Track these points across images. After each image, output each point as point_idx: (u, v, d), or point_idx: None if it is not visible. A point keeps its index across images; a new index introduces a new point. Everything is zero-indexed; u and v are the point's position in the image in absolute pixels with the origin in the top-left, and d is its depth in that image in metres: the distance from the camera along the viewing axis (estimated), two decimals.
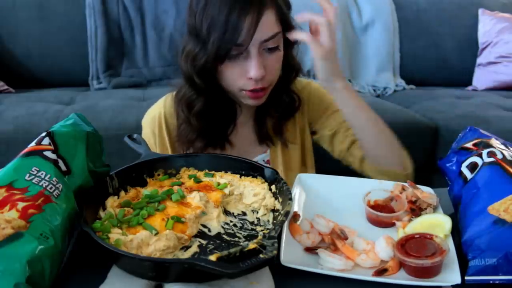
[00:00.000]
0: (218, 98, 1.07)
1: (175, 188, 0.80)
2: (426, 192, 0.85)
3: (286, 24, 1.02)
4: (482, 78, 2.71)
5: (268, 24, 0.96)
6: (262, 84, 0.99)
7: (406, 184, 0.88)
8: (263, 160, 1.17)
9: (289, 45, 1.06)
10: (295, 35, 0.98)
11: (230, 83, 1.01)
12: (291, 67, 1.10)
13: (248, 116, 1.15)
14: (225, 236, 0.73)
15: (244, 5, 0.92)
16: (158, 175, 0.87)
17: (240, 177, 0.87)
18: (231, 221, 0.77)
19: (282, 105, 1.12)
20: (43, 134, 0.74)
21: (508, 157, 0.78)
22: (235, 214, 0.79)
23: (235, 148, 1.14)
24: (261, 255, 0.59)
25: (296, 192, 0.86)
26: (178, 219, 0.72)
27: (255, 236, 0.72)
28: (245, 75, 0.98)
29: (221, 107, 1.09)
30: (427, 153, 2.12)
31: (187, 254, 0.68)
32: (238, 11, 0.92)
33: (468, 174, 0.80)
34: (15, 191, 0.64)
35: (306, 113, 1.19)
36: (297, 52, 1.10)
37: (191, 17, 0.99)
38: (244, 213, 0.80)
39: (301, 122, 1.19)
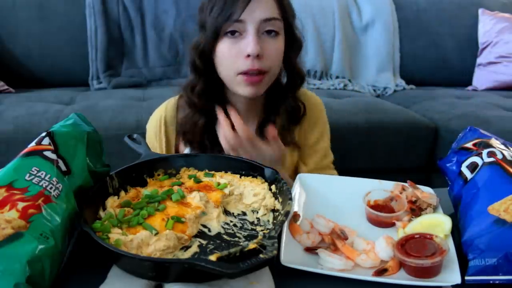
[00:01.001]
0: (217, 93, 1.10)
1: (175, 188, 0.80)
2: (426, 192, 0.85)
3: (287, 20, 1.06)
4: (482, 78, 2.71)
5: (267, 5, 1.00)
6: (259, 66, 1.00)
7: (406, 184, 0.88)
8: None
9: (293, 50, 1.10)
10: (219, 115, 1.06)
11: (227, 65, 1.03)
12: (296, 73, 1.13)
13: (246, 121, 1.14)
14: (225, 236, 0.73)
15: None
16: (158, 175, 0.87)
17: (240, 177, 0.87)
18: (231, 221, 0.77)
19: (286, 111, 1.14)
20: (43, 134, 0.74)
21: (508, 157, 0.78)
22: (235, 214, 0.79)
23: None
24: (261, 255, 0.58)
25: (296, 192, 0.86)
26: (178, 219, 0.72)
27: (255, 236, 0.72)
28: (243, 55, 1.00)
29: (207, 115, 1.11)
30: (427, 153, 2.12)
31: (187, 254, 0.68)
32: None
33: (468, 174, 0.80)
34: (15, 191, 0.64)
35: (303, 128, 1.21)
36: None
37: (200, 13, 1.05)
38: (244, 213, 0.80)
39: (299, 131, 1.20)
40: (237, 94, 1.07)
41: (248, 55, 0.99)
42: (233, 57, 1.01)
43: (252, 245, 0.61)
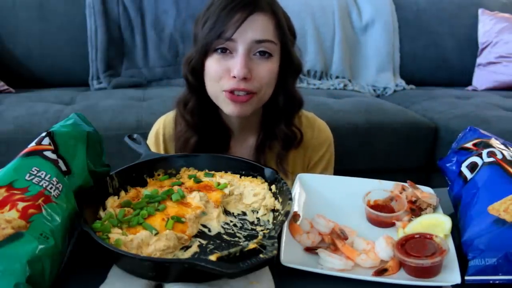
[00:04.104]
0: (210, 114, 1.09)
1: (175, 188, 0.80)
2: (426, 192, 0.85)
3: (284, 43, 1.02)
4: (482, 78, 2.71)
5: (262, 26, 0.97)
6: (245, 86, 0.98)
7: (406, 184, 0.88)
8: None
9: (290, 74, 1.07)
10: None
11: (213, 81, 1.01)
12: (293, 99, 1.10)
13: (241, 140, 1.15)
14: (225, 236, 0.73)
15: (238, 4, 0.96)
16: (158, 175, 0.87)
17: (240, 177, 0.87)
18: (231, 221, 0.77)
19: (280, 136, 1.11)
20: (43, 134, 0.74)
21: (508, 157, 0.78)
22: (235, 214, 0.79)
23: None
24: (261, 255, 0.59)
25: (296, 192, 0.86)
26: (178, 219, 0.72)
27: (255, 236, 0.73)
28: (229, 74, 0.98)
29: (212, 125, 1.10)
30: (427, 153, 2.12)
31: (187, 254, 0.68)
32: (230, 8, 0.96)
33: (468, 174, 0.80)
34: (15, 191, 0.64)
35: (310, 151, 1.18)
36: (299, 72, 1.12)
37: (195, 26, 1.04)
38: (244, 213, 0.80)
39: (303, 157, 1.18)
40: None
41: (234, 76, 0.97)
42: (219, 74, 0.99)
43: (252, 245, 0.61)
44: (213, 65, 0.99)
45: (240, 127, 1.13)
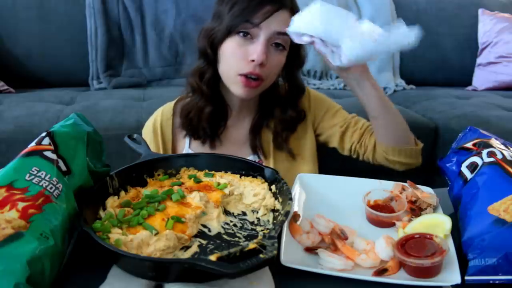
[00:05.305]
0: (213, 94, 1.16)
1: (175, 188, 0.80)
2: (426, 192, 0.85)
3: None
4: (482, 78, 2.71)
5: (284, 21, 1.05)
6: (259, 71, 1.05)
7: (406, 184, 0.88)
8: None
9: (295, 65, 1.18)
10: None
11: (231, 63, 1.08)
12: (297, 87, 1.21)
13: (239, 120, 1.22)
14: (225, 236, 0.73)
15: None
16: (158, 175, 0.87)
17: (240, 177, 0.87)
18: (231, 221, 0.77)
19: (288, 120, 1.20)
20: (43, 134, 0.74)
21: (508, 157, 0.79)
22: (235, 214, 0.79)
23: (223, 147, 1.21)
24: (261, 255, 0.59)
25: (296, 192, 0.86)
26: (178, 219, 0.72)
27: (255, 236, 0.73)
28: (248, 58, 1.05)
29: (213, 103, 1.16)
30: (427, 153, 2.11)
31: (187, 254, 0.68)
32: (260, 0, 1.04)
33: (468, 174, 0.80)
34: (15, 191, 0.64)
35: (310, 121, 1.26)
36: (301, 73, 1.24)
37: (219, 4, 1.10)
38: (244, 213, 0.80)
39: (302, 132, 1.25)
40: (231, 92, 1.12)
41: (253, 60, 1.04)
42: (238, 57, 1.06)
43: (252, 245, 0.61)
44: (233, 46, 1.06)
45: (240, 107, 1.20)
